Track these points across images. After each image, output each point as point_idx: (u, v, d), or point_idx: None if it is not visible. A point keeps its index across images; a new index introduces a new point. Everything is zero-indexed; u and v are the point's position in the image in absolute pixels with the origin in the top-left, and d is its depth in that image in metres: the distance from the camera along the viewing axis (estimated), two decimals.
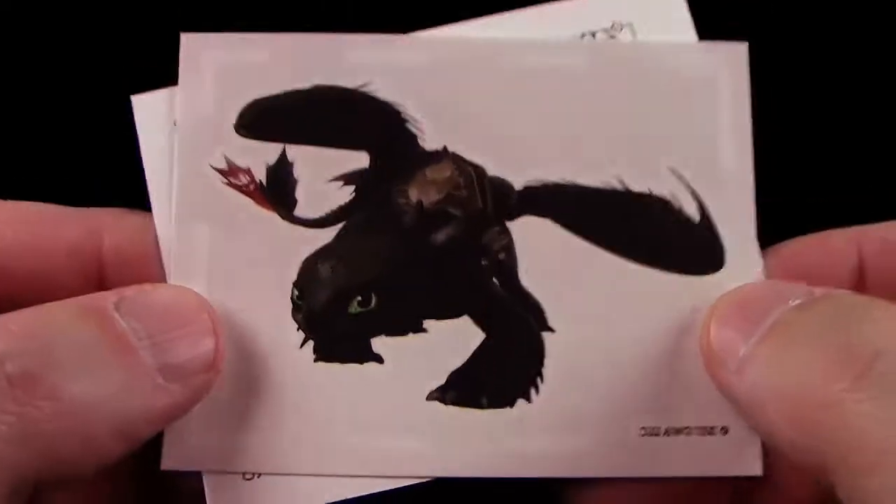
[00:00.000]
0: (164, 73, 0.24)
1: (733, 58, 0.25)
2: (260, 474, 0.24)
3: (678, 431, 0.24)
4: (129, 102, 0.25)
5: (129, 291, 0.22)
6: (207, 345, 0.22)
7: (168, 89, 0.25)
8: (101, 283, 0.24)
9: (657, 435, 0.24)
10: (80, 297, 0.22)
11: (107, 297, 0.22)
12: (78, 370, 0.20)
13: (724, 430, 0.24)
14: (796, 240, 0.25)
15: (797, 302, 0.22)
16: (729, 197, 0.24)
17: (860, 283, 0.25)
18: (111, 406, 0.20)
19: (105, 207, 0.24)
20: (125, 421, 0.21)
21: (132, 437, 0.21)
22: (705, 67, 0.25)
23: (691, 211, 0.24)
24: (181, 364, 0.22)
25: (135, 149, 0.24)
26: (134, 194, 0.24)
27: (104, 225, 0.24)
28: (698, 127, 0.25)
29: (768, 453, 0.24)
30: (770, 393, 0.21)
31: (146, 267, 0.24)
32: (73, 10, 0.29)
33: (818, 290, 0.22)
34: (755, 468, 0.24)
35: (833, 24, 0.30)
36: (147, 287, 0.23)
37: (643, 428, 0.24)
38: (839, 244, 0.25)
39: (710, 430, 0.24)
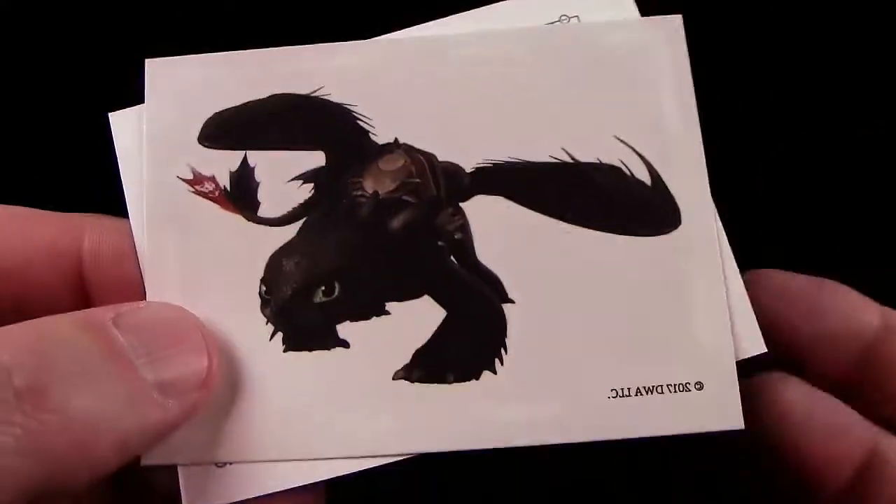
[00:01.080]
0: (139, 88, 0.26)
1: (670, 28, 0.26)
2: (232, 462, 0.24)
3: (650, 391, 0.24)
4: (107, 118, 0.26)
5: (125, 307, 0.23)
6: (201, 363, 0.23)
7: (141, 106, 0.26)
8: (79, 283, 0.25)
9: (628, 395, 0.24)
10: (79, 312, 0.22)
11: (105, 313, 0.22)
12: (82, 385, 0.21)
13: (699, 386, 0.24)
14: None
15: None
16: (679, 158, 0.25)
17: None
18: (112, 420, 0.21)
19: (83, 213, 0.26)
20: (124, 435, 0.21)
21: (129, 450, 0.22)
22: (643, 39, 0.26)
23: (642, 175, 0.25)
24: (176, 381, 0.22)
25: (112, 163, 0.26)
26: (114, 205, 0.26)
27: (84, 225, 0.25)
28: (641, 96, 0.25)
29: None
30: None
31: (124, 268, 0.25)
32: (59, 35, 0.31)
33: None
34: (736, 421, 0.23)
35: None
36: (141, 304, 0.24)
37: (613, 390, 0.24)
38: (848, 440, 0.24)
39: (684, 387, 0.24)
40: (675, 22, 0.26)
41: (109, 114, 0.26)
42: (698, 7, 0.26)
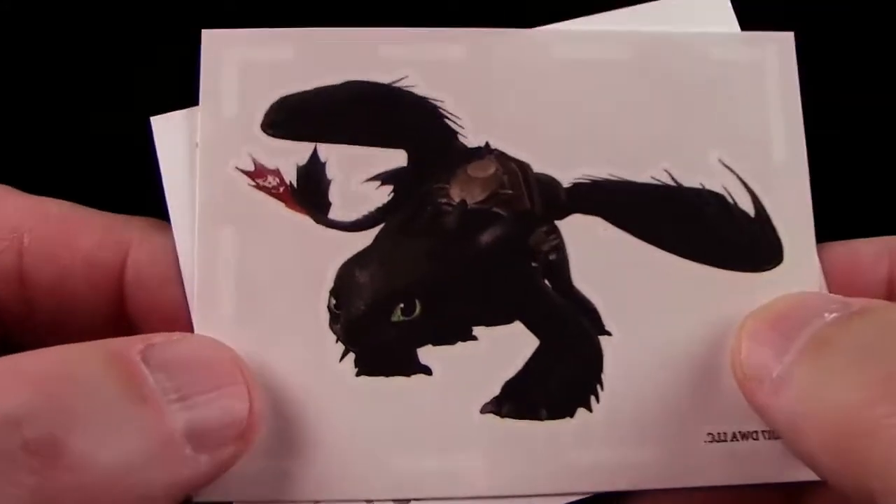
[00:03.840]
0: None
1: (781, 47, 0.24)
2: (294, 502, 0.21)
3: (745, 436, 0.22)
4: (149, 124, 0.23)
5: (157, 339, 0.20)
6: (241, 409, 0.20)
7: (186, 110, 0.23)
8: (117, 298, 0.22)
9: (725, 441, 0.22)
10: (104, 343, 0.19)
11: (133, 345, 0.19)
12: (104, 434, 0.17)
13: None
14: (822, 247, 0.24)
15: (833, 316, 0.20)
16: (784, 190, 0.23)
17: (890, 295, 0.24)
18: (134, 477, 0.18)
19: (133, 216, 0.22)
20: (146, 493, 0.18)
21: None
22: (753, 55, 0.24)
23: (746, 205, 0.23)
24: (211, 430, 0.19)
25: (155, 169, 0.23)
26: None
27: (130, 238, 0.22)
28: (748, 119, 0.24)
29: None
30: (809, 419, 0.19)
31: (167, 289, 0.22)
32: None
33: (855, 302, 0.21)
34: None
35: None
36: (176, 336, 0.20)
37: (710, 434, 0.22)
38: (868, 255, 0.24)
39: (777, 434, 0.22)
40: (787, 39, 0.24)
41: (152, 118, 0.23)
42: (805, 24, 0.25)
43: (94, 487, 0.17)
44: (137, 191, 0.23)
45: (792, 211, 0.23)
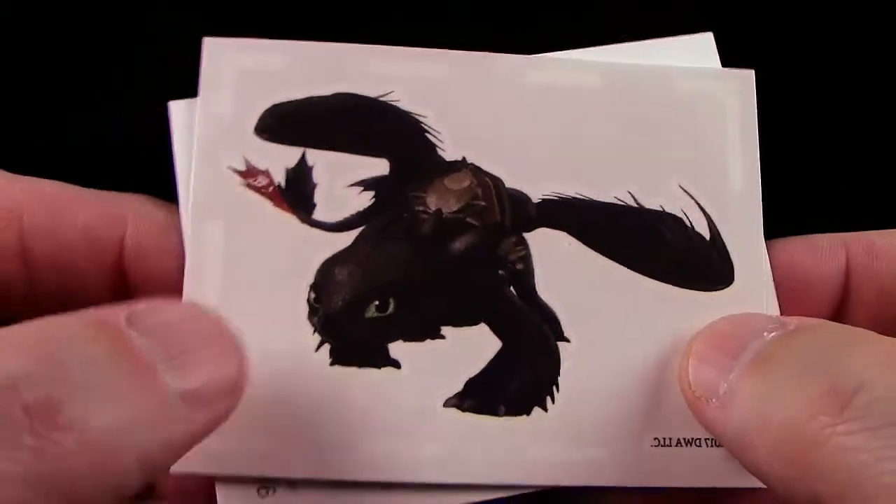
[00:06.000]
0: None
1: (742, 83, 0.26)
2: (276, 489, 0.23)
3: (689, 443, 0.24)
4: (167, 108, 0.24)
5: (141, 306, 0.20)
6: (230, 367, 0.21)
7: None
8: (120, 274, 0.23)
9: (670, 446, 0.24)
10: (89, 312, 0.20)
11: (117, 313, 0.20)
12: (98, 398, 0.18)
13: None
14: (784, 240, 0.26)
15: (773, 335, 0.22)
16: (737, 215, 0.25)
17: (846, 285, 0.26)
18: (132, 437, 0.18)
19: (129, 193, 0.24)
20: (146, 451, 0.18)
21: (151, 467, 0.19)
22: (715, 89, 0.26)
23: (702, 228, 0.25)
24: (203, 388, 0.20)
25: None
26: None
27: (127, 213, 0.23)
28: (708, 147, 0.26)
29: None
30: (757, 432, 0.20)
31: (166, 262, 0.23)
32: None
33: (791, 321, 0.22)
34: None
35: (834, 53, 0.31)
36: (159, 303, 0.21)
37: (656, 439, 0.24)
38: (826, 247, 0.26)
39: (725, 447, 0.24)
40: (748, 76, 0.26)
41: (170, 102, 0.24)
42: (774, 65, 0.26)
43: (94, 448, 0.17)
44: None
45: (744, 236, 0.25)
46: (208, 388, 0.20)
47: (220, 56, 0.25)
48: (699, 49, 0.26)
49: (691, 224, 0.25)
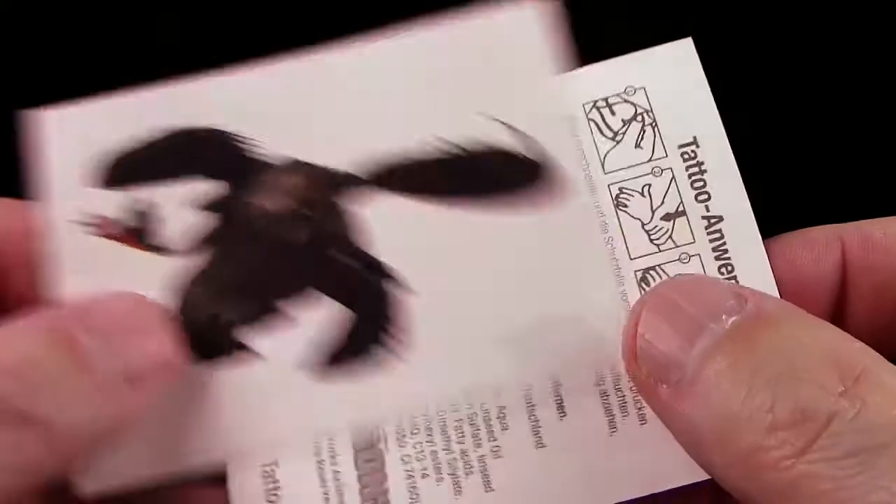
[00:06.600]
0: None
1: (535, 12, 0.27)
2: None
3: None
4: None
5: (90, 304, 0.24)
6: (169, 349, 0.24)
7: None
8: None
9: None
10: (45, 320, 0.22)
11: (71, 320, 0.23)
12: (60, 400, 0.21)
13: None
14: (780, 237, 0.26)
15: (733, 320, 0.21)
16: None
17: (843, 278, 0.26)
18: (91, 426, 0.22)
19: None
20: (98, 430, 0.22)
21: (104, 448, 0.23)
22: (514, 21, 0.27)
23: (512, 143, 0.26)
24: (146, 371, 0.23)
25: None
26: None
27: None
28: (517, 81, 0.26)
29: None
30: (715, 440, 0.20)
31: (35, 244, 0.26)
32: None
33: (749, 299, 0.21)
34: None
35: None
36: (103, 296, 0.24)
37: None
38: (821, 240, 0.26)
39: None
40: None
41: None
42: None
43: (62, 438, 0.21)
44: None
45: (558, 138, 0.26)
46: (151, 371, 0.23)
47: (52, 124, 0.27)
48: (679, 56, 0.27)
49: (513, 150, 0.26)
